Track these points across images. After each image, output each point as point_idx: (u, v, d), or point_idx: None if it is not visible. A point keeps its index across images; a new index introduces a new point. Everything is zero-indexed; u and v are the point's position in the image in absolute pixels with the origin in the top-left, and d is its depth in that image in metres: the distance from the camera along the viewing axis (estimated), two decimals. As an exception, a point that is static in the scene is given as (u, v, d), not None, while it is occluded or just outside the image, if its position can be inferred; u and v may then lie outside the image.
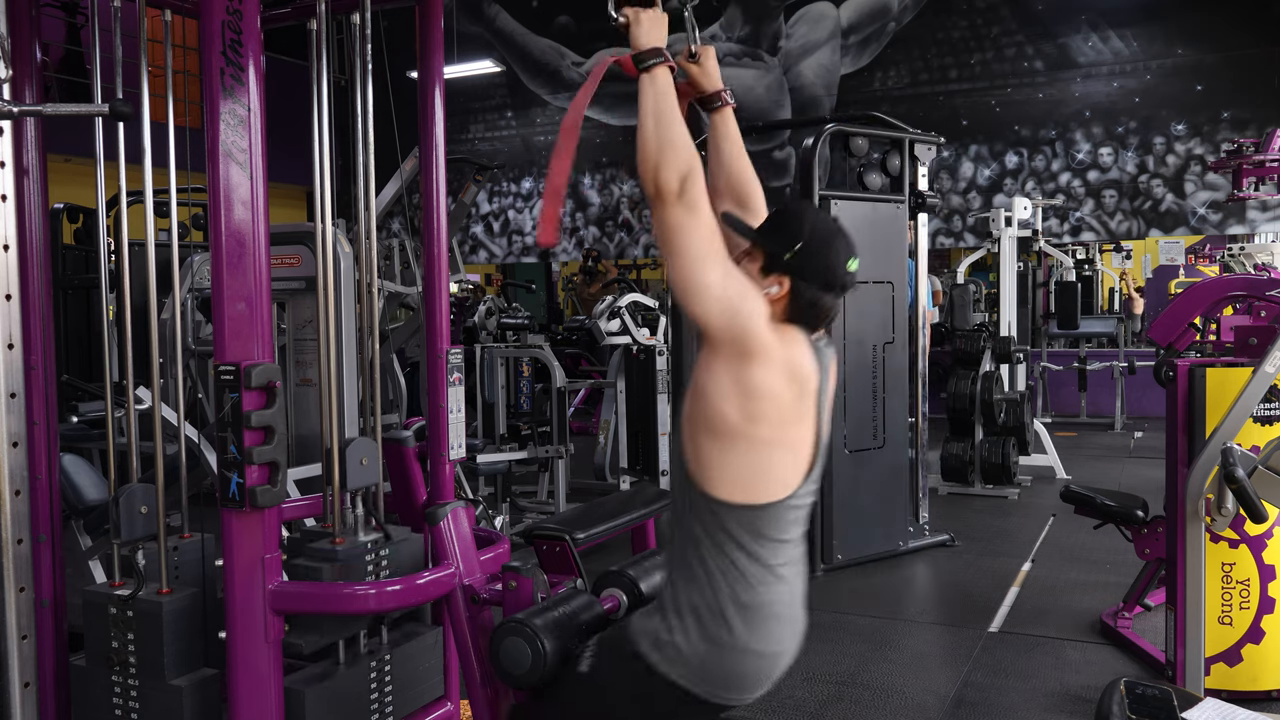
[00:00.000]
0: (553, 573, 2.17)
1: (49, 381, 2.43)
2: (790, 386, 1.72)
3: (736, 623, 1.72)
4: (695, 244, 1.65)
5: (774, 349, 1.69)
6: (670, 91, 1.72)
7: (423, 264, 2.76)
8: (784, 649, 1.80)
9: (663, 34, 1.78)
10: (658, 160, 1.65)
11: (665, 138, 1.66)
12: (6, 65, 2.21)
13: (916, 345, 5.68)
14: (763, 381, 1.68)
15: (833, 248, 1.79)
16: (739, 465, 1.71)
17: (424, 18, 2.72)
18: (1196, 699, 1.78)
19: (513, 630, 1.85)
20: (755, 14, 11.49)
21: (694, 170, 1.65)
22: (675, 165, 1.64)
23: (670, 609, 1.77)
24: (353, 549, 2.36)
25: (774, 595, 1.76)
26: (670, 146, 1.66)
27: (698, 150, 1.73)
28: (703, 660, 1.73)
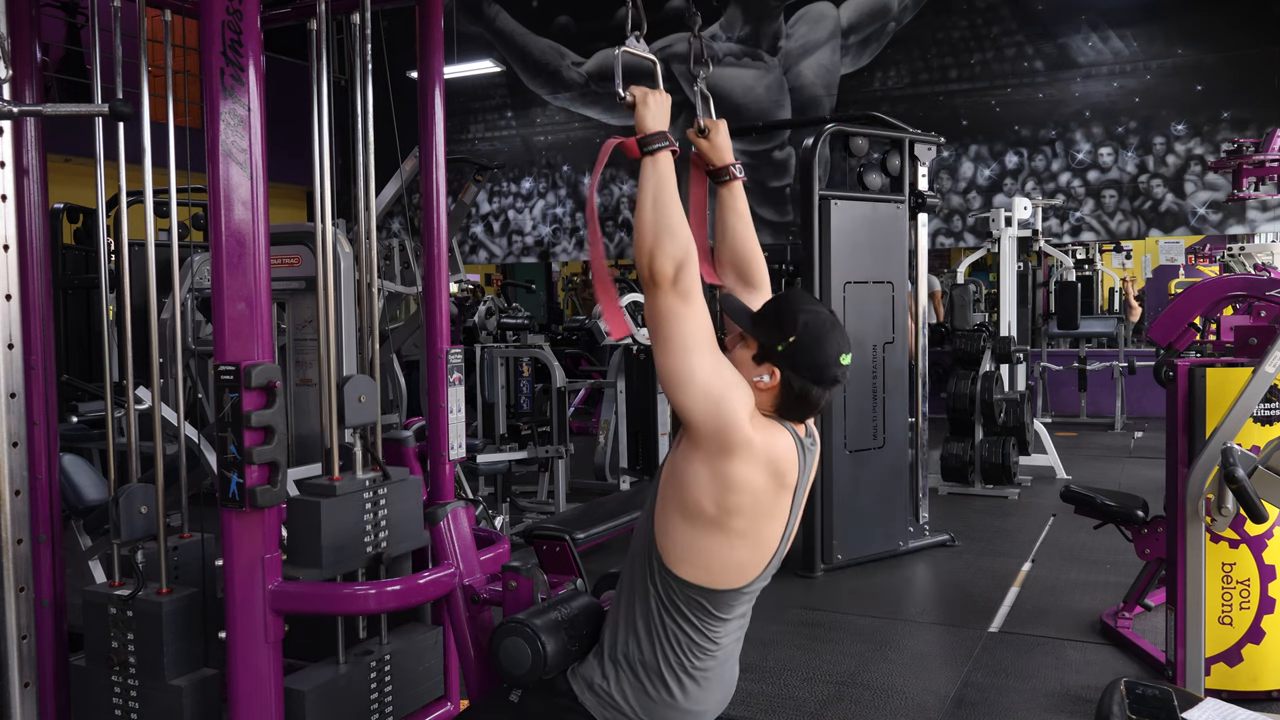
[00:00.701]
0: (553, 573, 2.17)
1: (49, 381, 2.43)
2: (769, 482, 1.73)
3: (674, 686, 1.78)
4: (685, 333, 1.64)
5: (756, 444, 1.68)
6: (671, 176, 1.72)
7: (423, 264, 2.76)
8: (709, 708, 1.86)
9: (667, 117, 1.79)
10: (654, 245, 1.64)
11: (664, 223, 1.65)
12: (6, 65, 2.21)
13: (916, 345, 5.68)
14: (742, 476, 1.68)
15: (826, 343, 1.78)
16: (704, 551, 1.73)
17: (424, 18, 2.72)
18: (1197, 699, 1.78)
19: (513, 630, 1.85)
20: (755, 14, 11.49)
21: (690, 257, 1.65)
22: (671, 251, 1.64)
23: (608, 656, 1.82)
24: (351, 485, 2.34)
25: (711, 663, 1.81)
26: (668, 231, 1.65)
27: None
28: (631, 710, 1.79)
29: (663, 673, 1.77)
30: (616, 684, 1.79)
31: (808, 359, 1.76)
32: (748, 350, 1.80)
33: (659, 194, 1.69)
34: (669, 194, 1.69)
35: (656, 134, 1.75)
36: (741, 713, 3.34)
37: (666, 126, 1.77)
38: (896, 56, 10.97)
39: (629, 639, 1.80)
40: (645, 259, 1.65)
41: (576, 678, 1.84)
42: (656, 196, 1.68)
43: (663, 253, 1.63)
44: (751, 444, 1.68)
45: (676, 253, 1.64)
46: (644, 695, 1.78)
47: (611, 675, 1.80)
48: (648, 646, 1.78)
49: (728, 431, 1.65)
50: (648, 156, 1.73)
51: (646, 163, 1.72)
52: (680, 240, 1.65)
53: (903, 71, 10.96)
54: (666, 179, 1.71)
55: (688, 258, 1.65)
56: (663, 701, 1.78)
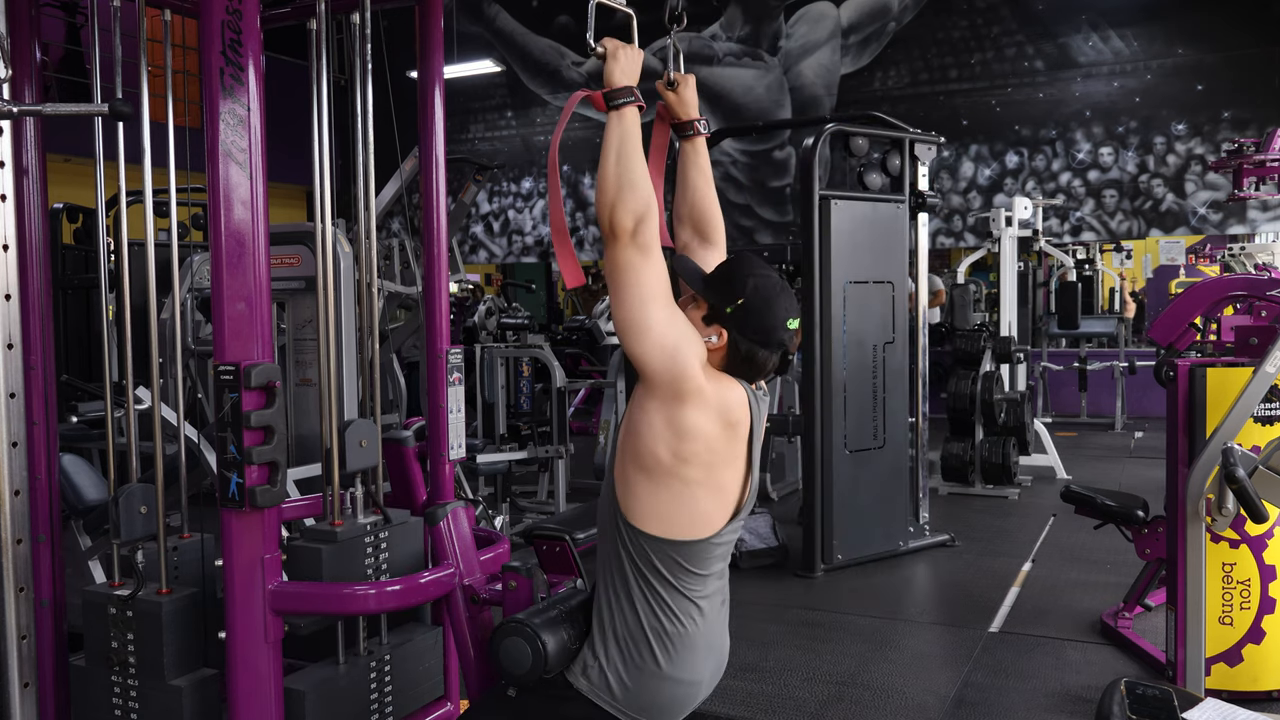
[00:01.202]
0: (553, 573, 2.17)
1: (49, 381, 2.43)
2: (723, 430, 1.76)
3: (658, 651, 1.79)
4: (644, 284, 1.67)
5: (708, 392, 1.73)
6: (636, 131, 1.73)
7: (423, 264, 2.76)
8: (703, 678, 1.86)
9: (637, 71, 1.81)
10: (615, 198, 1.67)
11: (626, 177, 1.68)
12: (6, 65, 2.21)
13: (917, 345, 5.68)
14: (695, 423, 1.72)
15: (773, 307, 1.82)
16: (665, 502, 1.75)
17: (424, 18, 2.72)
18: (1197, 699, 1.78)
19: (513, 630, 1.85)
20: (755, 14, 11.49)
21: (650, 212, 1.68)
22: (632, 205, 1.66)
23: (596, 636, 1.83)
24: (351, 530, 2.36)
25: (694, 626, 1.82)
26: (630, 185, 1.67)
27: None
28: (624, 686, 1.79)
29: (648, 637, 1.78)
30: (607, 661, 1.80)
31: (755, 321, 1.80)
32: (698, 310, 1.83)
33: (623, 148, 1.70)
34: (633, 148, 1.71)
35: (623, 89, 1.76)
36: (741, 713, 3.34)
37: (635, 81, 1.78)
38: (896, 56, 10.97)
39: (611, 613, 1.81)
40: (606, 212, 1.67)
41: (570, 667, 1.84)
42: (620, 150, 1.70)
43: (624, 206, 1.66)
44: (703, 391, 1.72)
45: (637, 206, 1.66)
46: (632, 667, 1.79)
47: (601, 653, 1.81)
48: (630, 614, 1.79)
49: (681, 379, 1.70)
50: (613, 111, 1.74)
51: (612, 116, 1.74)
52: (641, 194, 1.67)
53: (903, 71, 10.96)
54: (631, 133, 1.72)
55: (648, 212, 1.67)
56: (649, 670, 1.78)
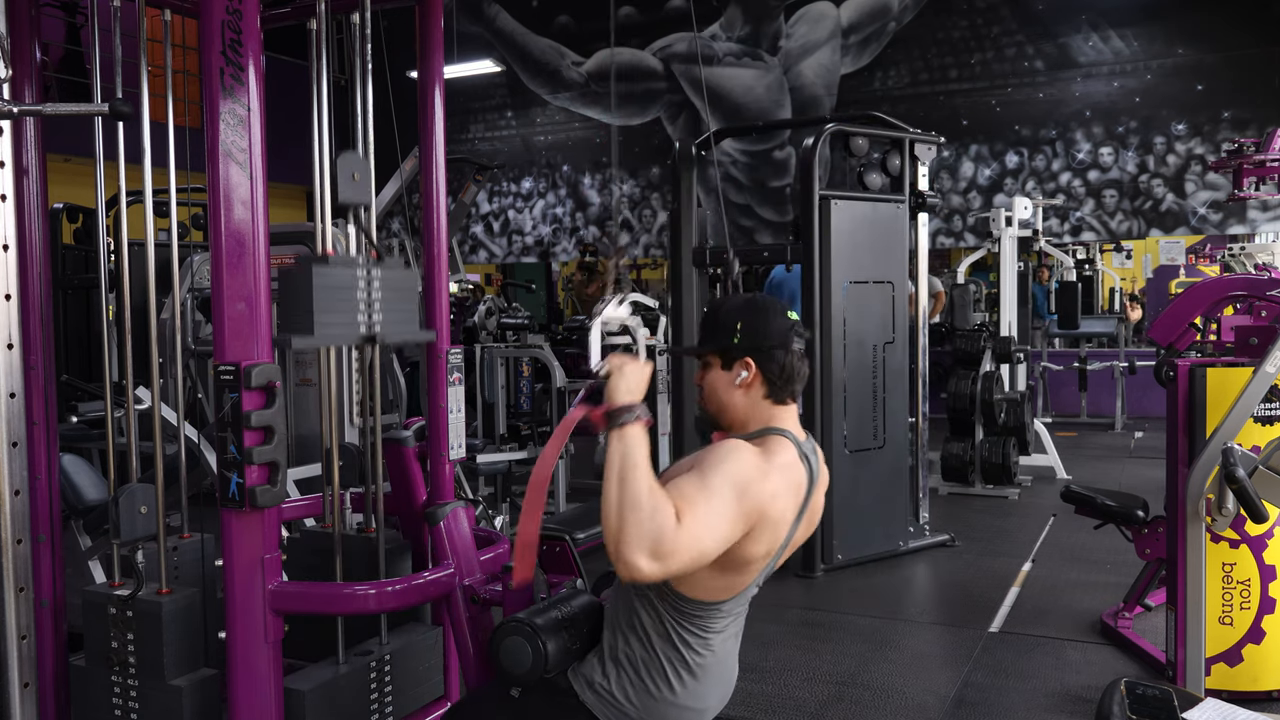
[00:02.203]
0: (553, 573, 2.17)
1: (49, 381, 2.43)
2: (790, 496, 1.76)
3: (674, 682, 1.80)
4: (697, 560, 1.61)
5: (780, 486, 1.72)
6: (638, 448, 1.61)
7: (423, 264, 2.76)
8: (710, 705, 1.87)
9: (643, 389, 1.71)
10: (618, 532, 1.54)
11: (627, 506, 1.55)
12: (6, 65, 2.21)
13: (917, 345, 5.68)
14: (778, 512, 1.72)
15: (769, 312, 1.84)
16: (723, 580, 1.76)
17: (424, 18, 2.72)
18: (1197, 699, 1.78)
19: (513, 629, 1.85)
20: (755, 14, 11.48)
21: (662, 529, 1.54)
22: (637, 539, 1.53)
23: (608, 656, 1.84)
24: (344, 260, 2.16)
25: (711, 657, 1.83)
26: (633, 510, 1.54)
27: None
28: (633, 708, 1.80)
29: (664, 669, 1.79)
30: (617, 683, 1.81)
31: (764, 332, 1.82)
32: (715, 366, 1.85)
33: (624, 469, 1.58)
34: (632, 467, 1.58)
35: (625, 407, 1.65)
36: (741, 713, 3.34)
37: (640, 399, 1.69)
38: (896, 56, 10.97)
39: (629, 639, 1.82)
40: (612, 546, 1.56)
41: (577, 676, 1.86)
42: (622, 474, 1.57)
43: (629, 542, 1.53)
44: (778, 494, 1.72)
45: (645, 536, 1.53)
46: (644, 693, 1.80)
47: (612, 674, 1.82)
48: (648, 646, 1.80)
49: (759, 511, 1.69)
50: (615, 430, 1.63)
51: (613, 436, 1.62)
52: (645, 517, 1.54)
53: (903, 71, 10.96)
54: (632, 453, 1.60)
55: (658, 532, 1.54)
56: (663, 698, 1.80)
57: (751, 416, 1.85)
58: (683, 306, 5.59)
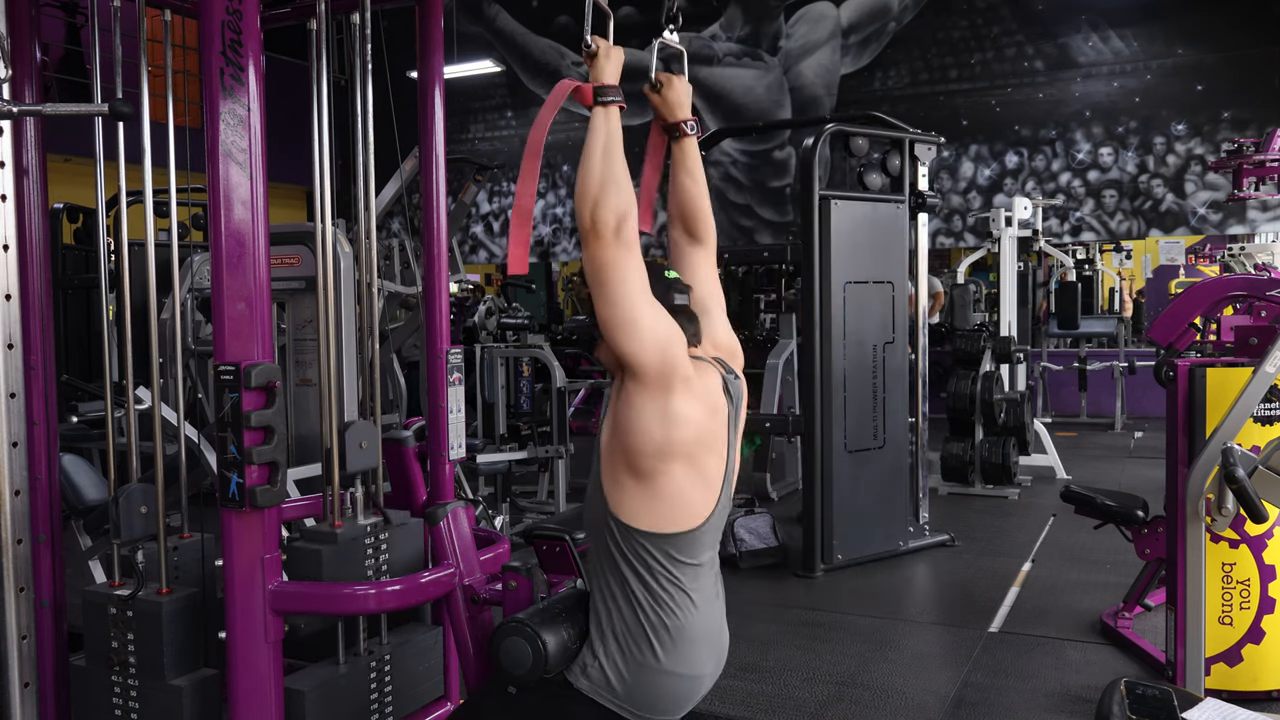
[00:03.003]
0: (553, 573, 2.17)
1: (49, 381, 2.42)
2: (708, 416, 1.81)
3: (656, 645, 1.79)
4: (630, 280, 1.70)
5: (693, 379, 1.78)
6: (619, 130, 1.76)
7: (423, 264, 2.76)
8: (704, 671, 1.87)
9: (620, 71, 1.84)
10: (599, 195, 1.68)
11: (610, 175, 1.70)
12: (6, 65, 2.21)
13: (917, 345, 5.68)
14: (684, 411, 1.75)
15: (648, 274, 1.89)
16: (655, 497, 1.78)
17: (424, 18, 2.72)
18: (1197, 699, 1.78)
19: (513, 630, 1.85)
20: (755, 14, 11.48)
21: (632, 210, 1.70)
22: (615, 203, 1.68)
23: (593, 633, 1.84)
24: (352, 531, 2.36)
25: (691, 619, 1.83)
26: (614, 182, 1.69)
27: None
28: (624, 682, 1.80)
29: (645, 632, 1.79)
30: (608, 660, 1.80)
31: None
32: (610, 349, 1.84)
33: (608, 145, 1.72)
34: (617, 146, 1.73)
35: (611, 86, 1.79)
36: (741, 713, 3.34)
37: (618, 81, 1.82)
38: (896, 56, 10.97)
39: (608, 611, 1.82)
40: (588, 208, 1.68)
41: (571, 667, 1.84)
42: (606, 147, 1.72)
43: (607, 204, 1.67)
44: (690, 380, 1.77)
45: (620, 205, 1.68)
46: (633, 664, 1.79)
47: (600, 652, 1.81)
48: (625, 610, 1.80)
49: (672, 369, 1.73)
50: (600, 106, 1.77)
51: (598, 112, 1.76)
52: (624, 193, 1.69)
53: (903, 71, 10.96)
54: (615, 132, 1.75)
55: (630, 209, 1.69)
56: (648, 665, 1.79)
57: None
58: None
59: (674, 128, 2.09)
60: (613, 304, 1.70)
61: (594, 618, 1.85)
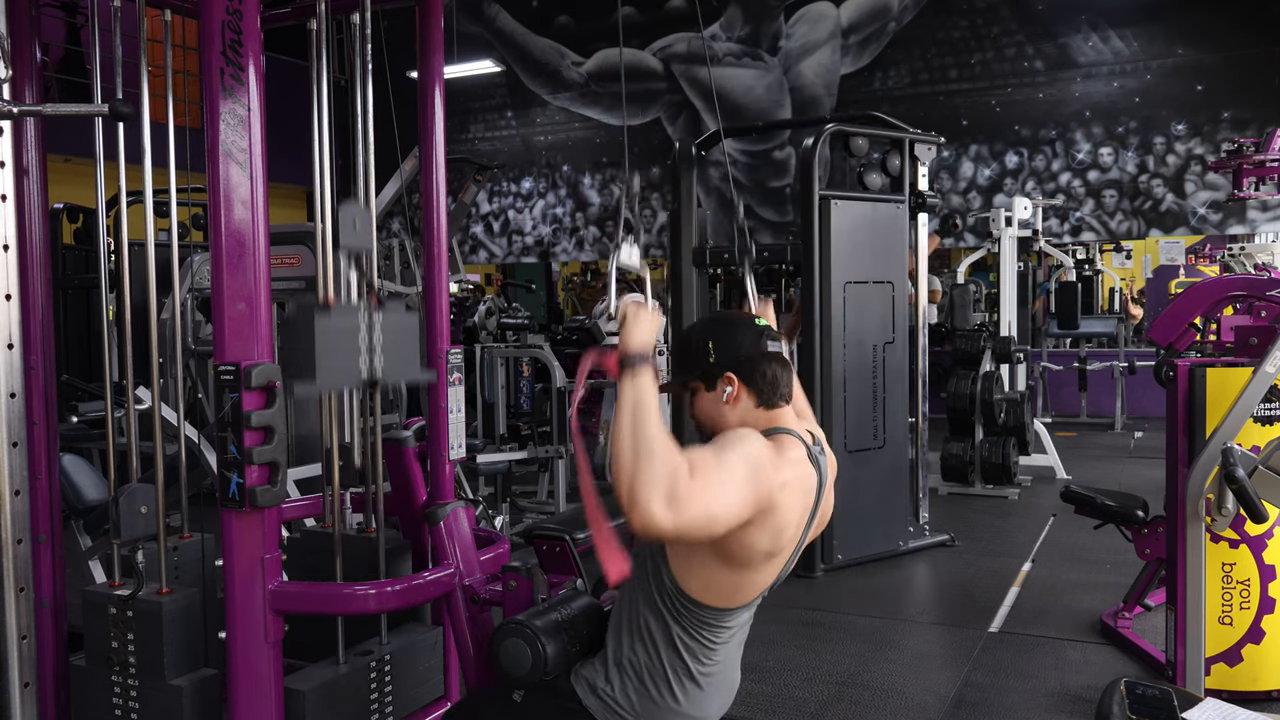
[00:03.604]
0: (553, 573, 2.17)
1: (49, 381, 2.43)
2: (801, 498, 1.76)
3: (678, 691, 1.80)
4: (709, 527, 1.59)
5: (787, 473, 1.72)
6: (650, 394, 1.61)
7: (423, 264, 2.76)
8: (713, 713, 1.87)
9: (653, 337, 1.71)
10: (633, 474, 1.52)
11: (642, 448, 1.54)
12: (6, 65, 2.21)
13: (917, 345, 5.67)
14: (788, 512, 1.71)
15: (734, 324, 1.87)
16: (732, 582, 1.75)
17: (424, 18, 2.72)
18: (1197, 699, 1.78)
19: (513, 631, 1.85)
20: (755, 14, 11.48)
21: (676, 475, 1.53)
22: (652, 480, 1.51)
23: (612, 661, 1.84)
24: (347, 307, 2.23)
25: (716, 668, 1.83)
26: (647, 456, 1.53)
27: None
28: (635, 713, 1.80)
29: (668, 678, 1.79)
30: (621, 688, 1.81)
31: (736, 343, 1.83)
32: (700, 391, 1.84)
33: (637, 413, 1.57)
34: (646, 413, 1.58)
35: (639, 353, 1.65)
36: (741, 713, 3.34)
37: (651, 348, 1.69)
38: (896, 56, 10.97)
39: (634, 646, 1.81)
40: (625, 490, 1.53)
41: (580, 680, 1.85)
42: (635, 416, 1.57)
43: (644, 486, 1.51)
44: (787, 485, 1.71)
45: (660, 481, 1.52)
46: (647, 700, 1.80)
47: (615, 680, 1.82)
48: (654, 653, 1.79)
49: (770, 497, 1.66)
50: (627, 372, 1.63)
51: (625, 380, 1.62)
52: (659, 462, 1.53)
53: (903, 71, 10.96)
54: (644, 398, 1.60)
55: (675, 473, 1.53)
56: (666, 706, 1.80)
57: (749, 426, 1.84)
58: (683, 306, 5.59)
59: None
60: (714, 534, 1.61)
61: (615, 640, 1.84)
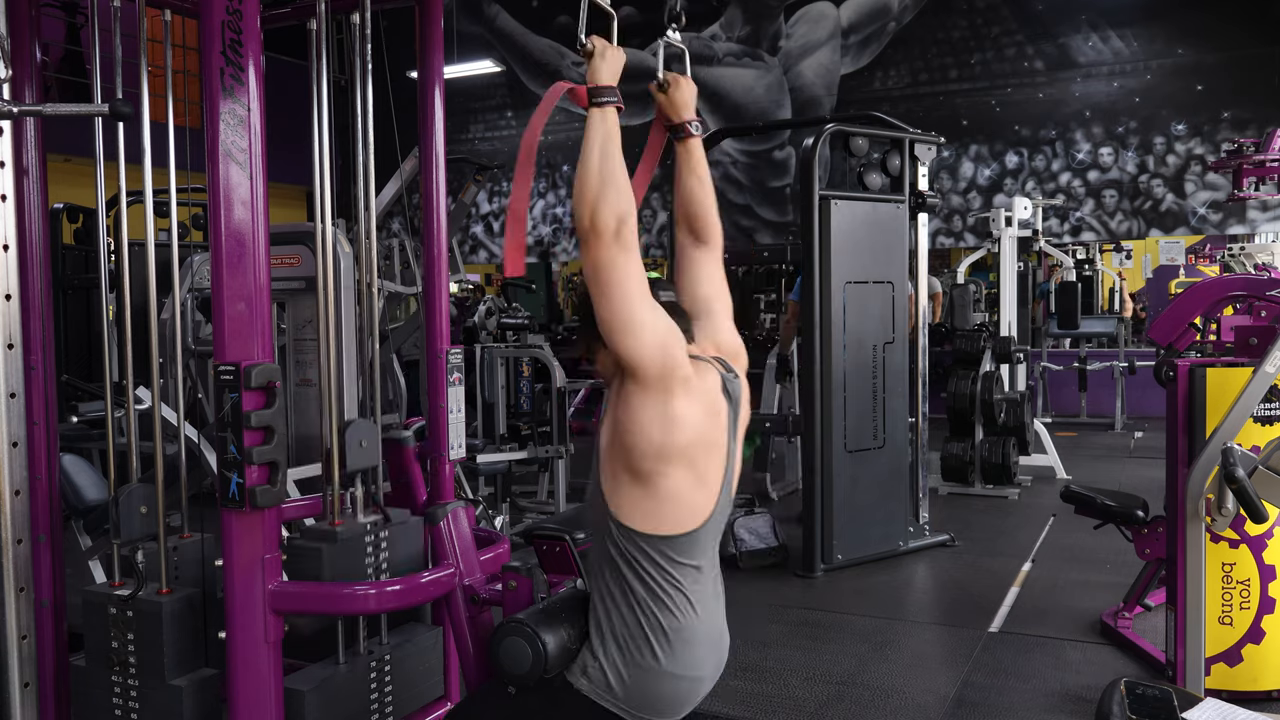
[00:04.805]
0: (553, 573, 2.17)
1: (49, 381, 2.43)
2: (707, 417, 1.81)
3: (656, 647, 1.79)
4: (630, 281, 1.69)
5: (693, 380, 1.78)
6: (617, 130, 1.74)
7: (423, 264, 2.76)
8: (704, 673, 1.87)
9: (619, 72, 1.82)
10: (597, 197, 1.66)
11: (608, 176, 1.68)
12: (6, 65, 2.21)
13: (917, 345, 5.68)
14: (685, 412, 1.75)
15: None
16: (655, 498, 1.77)
17: (424, 18, 2.72)
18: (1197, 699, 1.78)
19: (513, 630, 1.85)
20: (755, 14, 11.48)
21: (631, 210, 1.68)
22: (614, 204, 1.66)
23: (593, 634, 1.84)
24: (351, 529, 2.36)
25: (691, 620, 1.83)
26: (612, 185, 1.67)
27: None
28: (624, 684, 1.80)
29: (646, 634, 1.78)
30: (607, 661, 1.80)
31: None
32: (602, 349, 1.84)
33: (605, 146, 1.71)
34: (614, 147, 1.71)
35: (607, 87, 1.77)
36: (741, 713, 3.34)
37: (617, 81, 1.80)
38: (896, 56, 10.97)
39: (608, 612, 1.81)
40: (587, 210, 1.66)
41: (571, 667, 1.85)
42: (603, 148, 1.70)
43: (606, 205, 1.66)
44: (690, 380, 1.76)
45: (619, 206, 1.66)
46: (633, 666, 1.79)
47: (600, 653, 1.81)
48: (626, 611, 1.79)
49: (673, 370, 1.73)
50: (596, 108, 1.75)
51: (594, 114, 1.74)
52: (624, 194, 1.68)
53: (903, 71, 10.96)
54: (613, 132, 1.73)
55: (629, 211, 1.68)
56: (648, 667, 1.78)
57: None
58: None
59: (679, 128, 2.08)
60: (612, 304, 1.69)
61: (593, 618, 1.85)
